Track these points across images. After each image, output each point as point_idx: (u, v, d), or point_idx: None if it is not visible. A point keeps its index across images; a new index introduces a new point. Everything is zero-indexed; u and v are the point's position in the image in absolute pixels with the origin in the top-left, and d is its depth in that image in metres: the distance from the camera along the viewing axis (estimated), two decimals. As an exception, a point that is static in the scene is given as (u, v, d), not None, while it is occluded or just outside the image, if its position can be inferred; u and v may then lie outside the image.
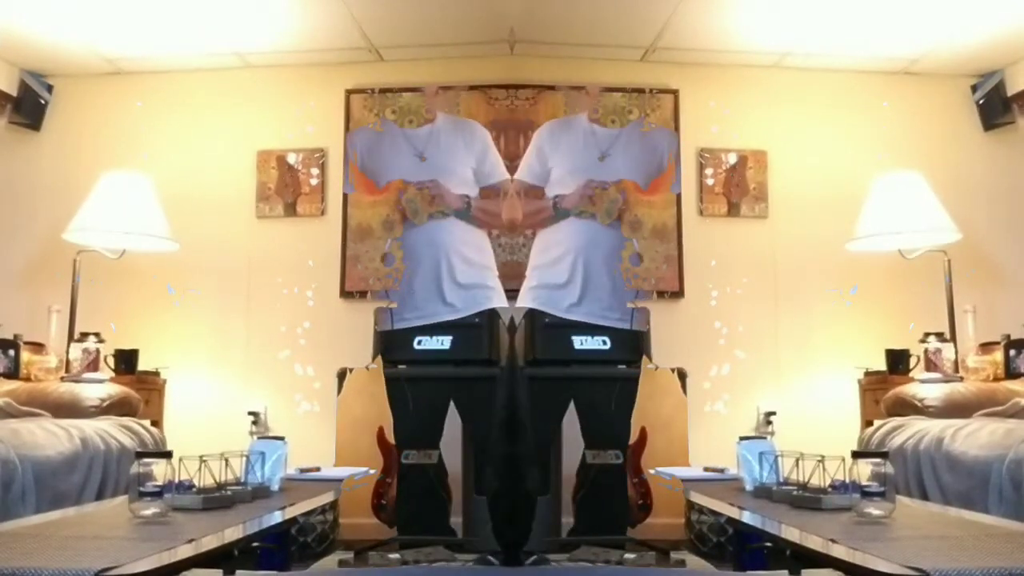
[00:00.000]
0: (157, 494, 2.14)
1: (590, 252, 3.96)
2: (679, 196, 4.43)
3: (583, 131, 3.28)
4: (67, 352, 3.99)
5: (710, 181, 4.47)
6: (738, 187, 4.47)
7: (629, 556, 3.55)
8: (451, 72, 4.46)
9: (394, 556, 3.55)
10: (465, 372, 3.71)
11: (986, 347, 4.09)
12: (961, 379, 3.94)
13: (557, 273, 4.03)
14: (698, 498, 2.99)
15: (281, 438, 3.01)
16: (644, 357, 3.91)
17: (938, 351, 4.01)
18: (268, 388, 4.29)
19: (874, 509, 2.14)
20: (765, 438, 3.18)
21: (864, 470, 2.24)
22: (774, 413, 4.18)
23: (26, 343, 4.02)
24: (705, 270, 4.40)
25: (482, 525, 3.36)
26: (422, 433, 3.63)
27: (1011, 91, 4.36)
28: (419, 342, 3.78)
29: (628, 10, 4.01)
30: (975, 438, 3.10)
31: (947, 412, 3.66)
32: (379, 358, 3.96)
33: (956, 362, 4.01)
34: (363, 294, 4.34)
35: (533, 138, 4.25)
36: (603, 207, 4.33)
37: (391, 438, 3.67)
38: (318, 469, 3.45)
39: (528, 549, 2.95)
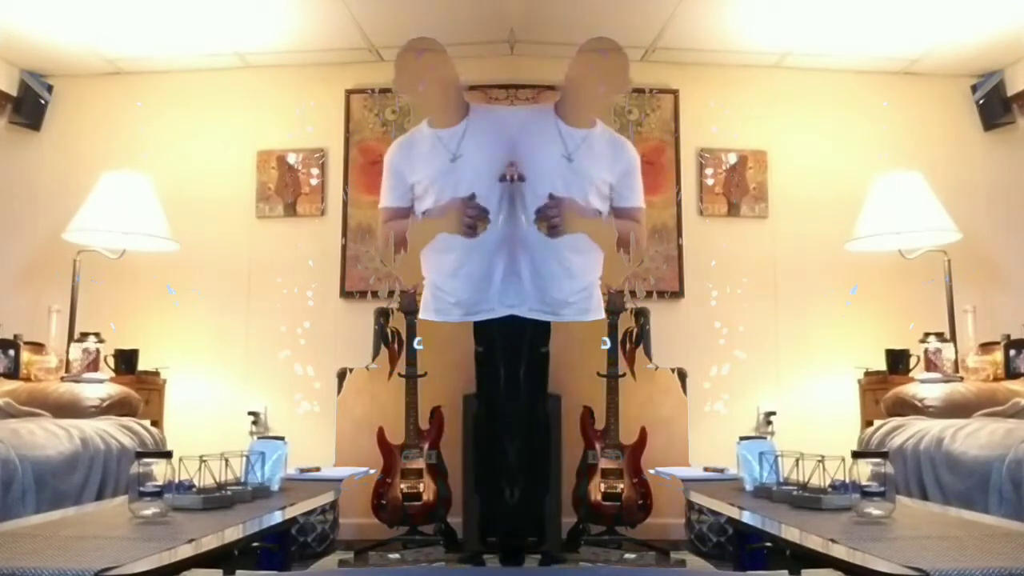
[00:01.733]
0: (157, 494, 2.14)
1: None
2: (679, 196, 4.43)
3: (553, 125, 3.26)
4: (67, 352, 3.99)
5: (710, 181, 4.47)
6: (738, 187, 4.47)
7: (629, 556, 3.55)
8: (451, 72, 4.45)
9: (394, 556, 3.56)
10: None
11: (986, 347, 4.09)
12: (961, 379, 3.94)
13: None
14: (698, 498, 3.00)
15: (281, 438, 3.02)
16: (635, 355, 3.94)
17: (938, 351, 4.01)
18: (268, 388, 4.29)
19: (874, 509, 2.15)
20: (765, 438, 3.18)
21: (864, 470, 2.25)
22: (774, 413, 4.18)
23: (26, 343, 4.02)
24: (705, 270, 4.40)
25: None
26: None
27: (1011, 91, 4.37)
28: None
29: (628, 10, 4.01)
30: (975, 438, 3.11)
31: (947, 412, 3.66)
32: (380, 358, 3.96)
33: (956, 362, 4.01)
34: (363, 294, 4.34)
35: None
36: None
37: (391, 438, 3.67)
38: (318, 469, 3.45)
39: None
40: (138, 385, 3.98)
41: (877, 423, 3.83)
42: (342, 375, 3.99)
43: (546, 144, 3.28)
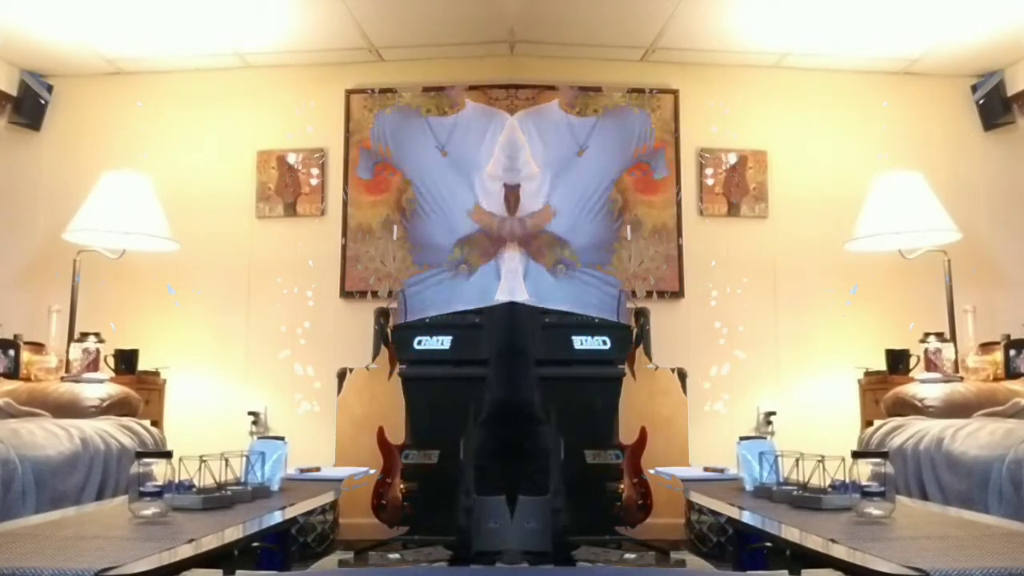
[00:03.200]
0: (157, 494, 2.14)
1: None
2: (679, 196, 4.43)
3: (559, 122, 3.14)
4: (67, 352, 3.99)
5: (710, 181, 4.47)
6: (738, 187, 4.47)
7: (629, 556, 3.55)
8: (451, 72, 4.46)
9: (394, 556, 3.55)
10: (464, 372, 3.69)
11: (986, 347, 4.09)
12: (961, 379, 3.94)
13: None
14: (698, 498, 2.99)
15: (281, 438, 3.02)
16: (635, 355, 3.92)
17: (938, 351, 4.01)
18: (268, 388, 4.29)
19: (874, 509, 2.14)
20: (765, 438, 3.18)
21: (864, 470, 2.24)
22: (774, 413, 4.18)
23: (26, 343, 4.02)
24: (705, 270, 4.40)
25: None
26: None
27: (1011, 91, 4.37)
28: (419, 342, 3.77)
29: (628, 10, 4.01)
30: (975, 438, 3.10)
31: (947, 412, 3.65)
32: (379, 358, 3.96)
33: (956, 362, 4.01)
34: (363, 294, 4.34)
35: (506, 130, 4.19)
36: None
37: (391, 438, 3.67)
38: (318, 469, 3.45)
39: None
40: (138, 385, 3.98)
41: (877, 423, 3.83)
42: (342, 375, 3.99)
43: None
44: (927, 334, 4.06)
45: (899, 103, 4.51)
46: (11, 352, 3.94)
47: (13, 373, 3.92)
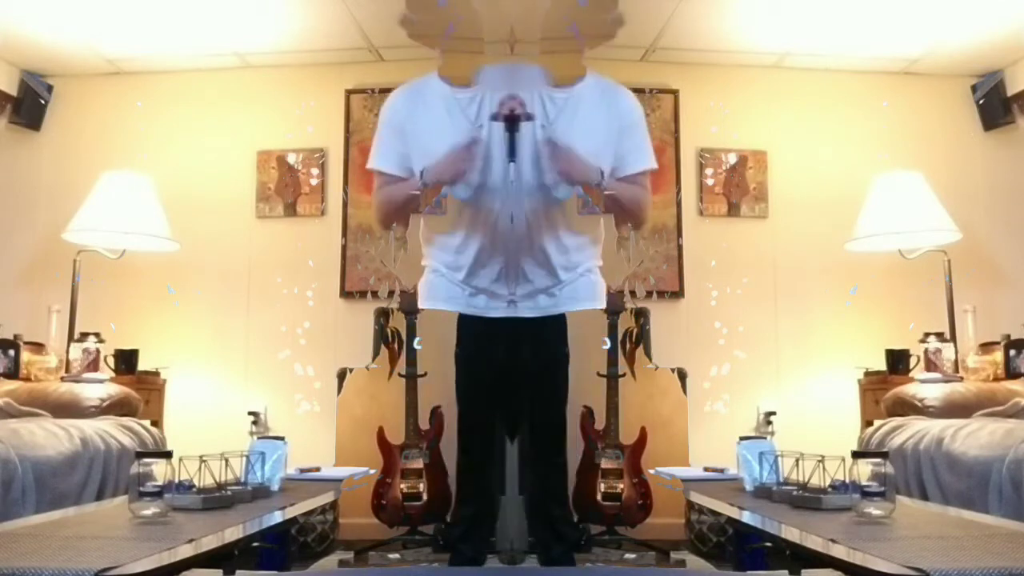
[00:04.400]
0: (157, 494, 2.14)
1: None
2: (679, 196, 4.43)
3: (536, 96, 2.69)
4: (67, 352, 3.99)
5: (710, 181, 4.48)
6: (738, 187, 4.47)
7: (629, 556, 3.55)
8: (451, 72, 4.45)
9: (394, 556, 3.56)
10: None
11: (986, 347, 4.09)
12: (961, 379, 3.94)
13: None
14: (698, 498, 2.99)
15: (281, 438, 3.01)
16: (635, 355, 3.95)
17: (938, 351, 4.01)
18: (268, 388, 4.29)
19: (874, 509, 2.14)
20: (765, 438, 3.18)
21: (864, 470, 2.24)
22: (774, 413, 4.18)
23: (26, 343, 4.02)
24: (705, 270, 4.40)
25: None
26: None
27: (1011, 91, 4.36)
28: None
29: (628, 10, 3.99)
30: (975, 438, 3.10)
31: (947, 412, 3.66)
32: (379, 358, 3.96)
33: (956, 362, 4.01)
34: (363, 294, 4.34)
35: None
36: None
37: (391, 438, 3.67)
38: (318, 469, 3.45)
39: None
40: (138, 385, 3.98)
41: (877, 423, 3.83)
42: (342, 375, 3.99)
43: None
44: (927, 334, 4.06)
45: (899, 103, 4.51)
46: (11, 352, 3.94)
47: (13, 373, 3.92)
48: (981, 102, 4.46)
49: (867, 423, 4.01)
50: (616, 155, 2.74)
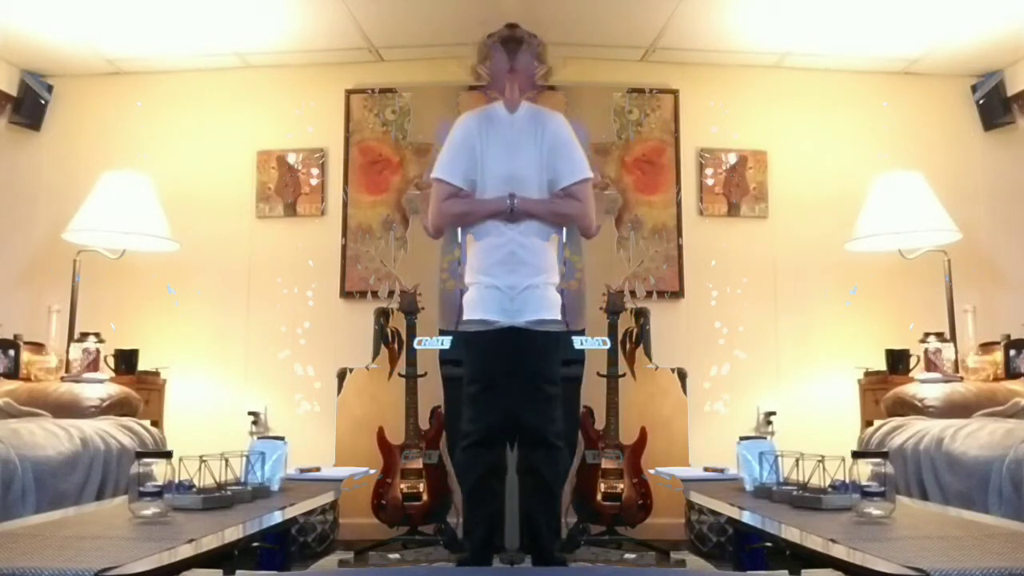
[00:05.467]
0: (157, 494, 2.14)
1: None
2: (679, 196, 4.43)
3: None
4: (67, 352, 3.99)
5: (710, 181, 4.47)
6: (738, 187, 4.47)
7: (629, 556, 3.55)
8: (451, 72, 4.45)
9: (394, 556, 3.56)
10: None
11: (986, 347, 4.09)
12: (961, 379, 3.94)
13: None
14: (698, 498, 3.00)
15: (281, 438, 3.02)
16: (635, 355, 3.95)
17: (938, 351, 4.01)
18: (268, 388, 4.29)
19: (874, 509, 2.15)
20: (765, 438, 3.18)
21: (864, 470, 2.25)
22: (774, 413, 4.17)
23: (26, 343, 4.02)
24: (705, 270, 4.40)
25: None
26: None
27: (1011, 91, 4.36)
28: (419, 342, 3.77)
29: (628, 10, 4.01)
30: (975, 438, 3.11)
31: (947, 412, 3.66)
32: (379, 358, 3.96)
33: (956, 362, 4.01)
34: (363, 294, 4.33)
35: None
36: (602, 206, 4.30)
37: (391, 438, 3.67)
38: (318, 469, 3.45)
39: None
40: (138, 385, 3.98)
41: (877, 423, 3.83)
42: (342, 375, 3.99)
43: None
44: (927, 334, 4.06)
45: (899, 103, 4.51)
46: (11, 352, 3.94)
47: (13, 373, 3.92)
48: (981, 102, 4.46)
49: (867, 423, 4.01)
50: (551, 172, 2.88)
